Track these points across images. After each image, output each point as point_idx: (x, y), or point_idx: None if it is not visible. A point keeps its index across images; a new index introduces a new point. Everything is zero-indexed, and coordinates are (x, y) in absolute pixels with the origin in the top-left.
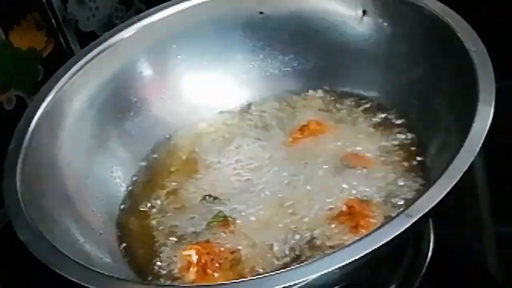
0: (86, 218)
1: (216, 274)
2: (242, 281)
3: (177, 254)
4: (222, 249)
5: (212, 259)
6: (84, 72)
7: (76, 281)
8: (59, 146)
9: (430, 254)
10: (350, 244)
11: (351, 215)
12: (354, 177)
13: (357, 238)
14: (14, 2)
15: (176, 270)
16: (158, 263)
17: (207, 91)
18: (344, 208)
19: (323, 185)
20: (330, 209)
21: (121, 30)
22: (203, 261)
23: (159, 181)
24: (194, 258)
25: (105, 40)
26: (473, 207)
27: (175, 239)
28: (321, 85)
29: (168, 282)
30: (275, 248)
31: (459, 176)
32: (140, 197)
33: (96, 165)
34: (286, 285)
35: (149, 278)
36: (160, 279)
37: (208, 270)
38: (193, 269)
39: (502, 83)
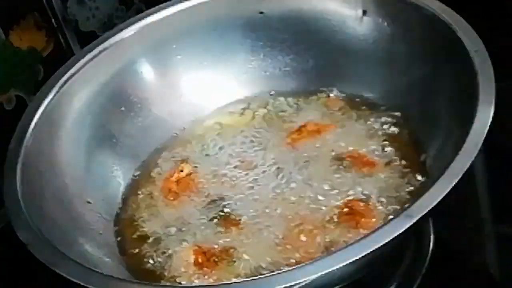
0: (86, 218)
1: (213, 274)
2: (243, 281)
3: (175, 254)
4: (219, 248)
5: (209, 259)
6: (84, 72)
7: (76, 281)
8: (59, 146)
9: (430, 254)
10: (350, 244)
11: (351, 215)
12: (354, 177)
13: (357, 238)
14: (14, 2)
15: (174, 270)
16: (157, 263)
17: (207, 91)
18: (344, 208)
19: (323, 185)
20: (330, 209)
21: (121, 30)
22: (200, 261)
23: (159, 181)
24: (191, 258)
25: (105, 40)
26: (473, 207)
27: (174, 239)
28: (321, 85)
29: (167, 282)
30: (274, 247)
31: (459, 176)
32: (140, 197)
33: (96, 165)
34: (286, 285)
35: (148, 278)
36: (159, 279)
37: (205, 270)
38: (190, 269)
39: (502, 83)
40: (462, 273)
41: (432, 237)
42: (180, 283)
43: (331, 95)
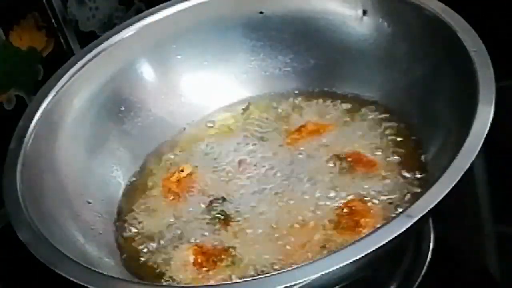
0: (86, 218)
1: (213, 274)
2: (244, 281)
3: (175, 254)
4: (219, 248)
5: (208, 259)
6: (84, 72)
7: (76, 281)
8: (59, 146)
9: (430, 254)
10: (350, 244)
11: (351, 215)
12: (354, 177)
13: (357, 238)
14: (14, 2)
15: (173, 270)
16: (157, 263)
17: (207, 91)
18: (344, 208)
19: (323, 185)
20: (330, 209)
21: (121, 30)
22: (199, 261)
23: (159, 181)
24: (191, 258)
25: (105, 40)
26: (473, 207)
27: (174, 239)
28: (321, 85)
29: (166, 282)
30: (274, 247)
31: (459, 176)
32: (140, 197)
33: (96, 165)
34: (286, 285)
35: (148, 279)
36: (158, 279)
37: (204, 270)
38: (190, 269)
39: (502, 83)
40: (462, 273)
41: (432, 237)
42: (180, 283)
43: (330, 95)
